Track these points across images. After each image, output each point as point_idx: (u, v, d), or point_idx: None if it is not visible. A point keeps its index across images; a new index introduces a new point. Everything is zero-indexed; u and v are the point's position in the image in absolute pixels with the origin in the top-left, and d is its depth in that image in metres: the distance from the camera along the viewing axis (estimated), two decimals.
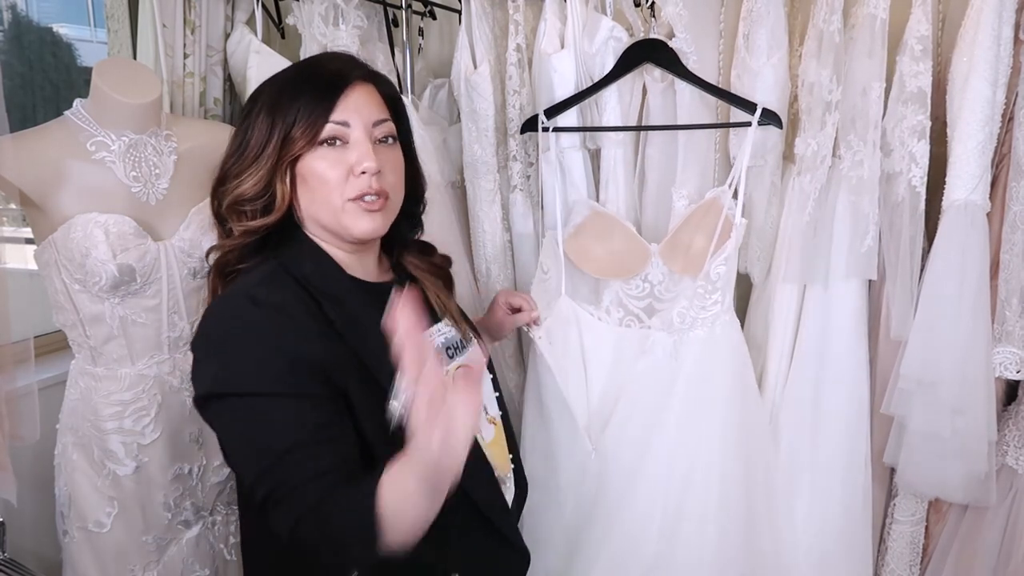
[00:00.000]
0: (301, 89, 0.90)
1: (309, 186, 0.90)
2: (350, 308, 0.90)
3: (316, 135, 0.88)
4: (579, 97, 1.44)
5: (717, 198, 1.33)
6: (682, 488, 1.33)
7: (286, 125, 0.88)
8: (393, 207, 0.95)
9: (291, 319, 0.83)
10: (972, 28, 1.20)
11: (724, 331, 1.34)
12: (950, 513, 1.40)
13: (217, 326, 0.85)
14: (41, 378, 1.39)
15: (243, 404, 0.80)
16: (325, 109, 0.89)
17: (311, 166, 0.89)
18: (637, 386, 1.37)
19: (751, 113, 1.29)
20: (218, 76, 1.68)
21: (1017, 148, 1.23)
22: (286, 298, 0.85)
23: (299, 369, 0.80)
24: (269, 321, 0.82)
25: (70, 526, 1.34)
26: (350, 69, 0.93)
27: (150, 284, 1.29)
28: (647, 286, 1.40)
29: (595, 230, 1.43)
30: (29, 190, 1.21)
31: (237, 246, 0.92)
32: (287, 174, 0.90)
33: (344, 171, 0.89)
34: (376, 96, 0.95)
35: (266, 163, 0.89)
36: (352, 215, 0.90)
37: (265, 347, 0.81)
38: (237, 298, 0.86)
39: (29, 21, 2.01)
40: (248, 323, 0.83)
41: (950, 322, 1.23)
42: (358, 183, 0.89)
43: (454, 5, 1.75)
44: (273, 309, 0.83)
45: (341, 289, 0.92)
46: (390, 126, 0.95)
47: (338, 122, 0.89)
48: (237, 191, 0.90)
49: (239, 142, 0.92)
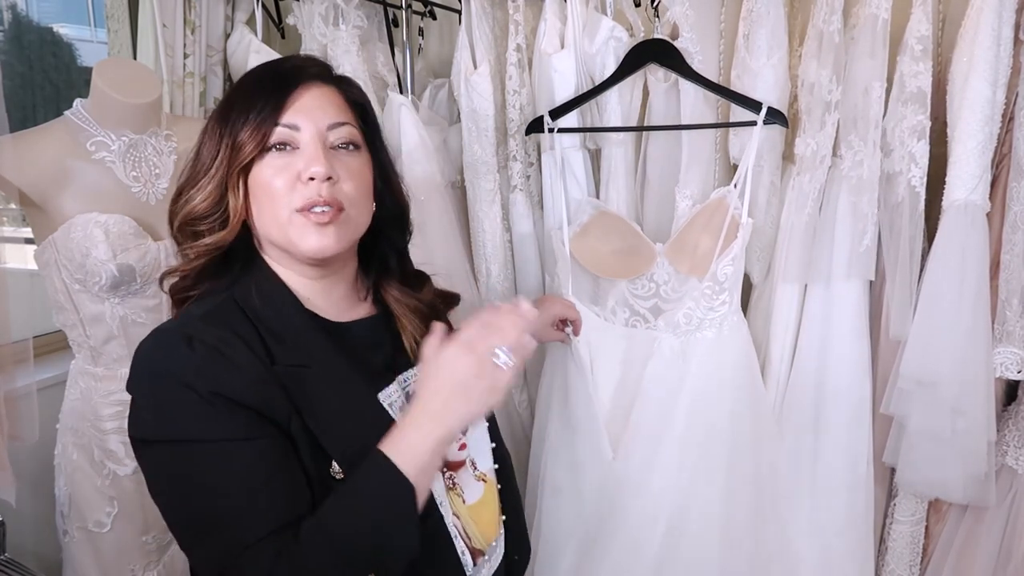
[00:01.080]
0: (252, 92, 0.82)
1: (258, 198, 0.81)
2: (297, 351, 0.80)
3: (264, 140, 0.79)
4: (585, 97, 1.44)
5: (724, 198, 1.33)
6: (689, 489, 1.33)
7: (234, 131, 0.80)
8: (351, 223, 0.83)
9: (226, 360, 0.74)
10: (972, 28, 1.20)
11: (732, 332, 1.34)
12: (950, 513, 1.40)
13: (146, 365, 0.76)
14: (41, 378, 1.39)
15: (183, 452, 0.73)
16: (273, 111, 0.80)
17: (259, 175, 0.80)
18: (646, 389, 1.37)
19: (756, 112, 1.29)
20: (218, 76, 1.68)
21: (1017, 148, 1.23)
22: (224, 336, 0.76)
23: (237, 411, 0.73)
24: (202, 360, 0.73)
25: (70, 526, 1.34)
26: (304, 69, 0.84)
27: (150, 284, 1.29)
28: (653, 286, 1.40)
29: (601, 230, 1.43)
30: (29, 190, 1.21)
31: (191, 270, 0.83)
32: (239, 186, 0.81)
33: (291, 178, 0.79)
34: (336, 99, 0.85)
35: (216, 174, 0.80)
36: (298, 228, 0.79)
37: (198, 388, 0.72)
38: (171, 335, 0.77)
39: (29, 21, 2.02)
40: (179, 361, 0.74)
41: (950, 322, 1.23)
42: (305, 191, 0.79)
43: (454, 5, 1.75)
44: (208, 348, 0.74)
45: (291, 329, 0.81)
46: (350, 131, 0.84)
47: (287, 125, 0.80)
48: (187, 207, 0.82)
49: (193, 156, 0.84)
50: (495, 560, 0.94)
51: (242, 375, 0.74)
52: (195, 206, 0.81)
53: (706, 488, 1.33)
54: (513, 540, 0.98)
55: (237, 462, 0.73)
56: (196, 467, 0.73)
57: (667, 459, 1.34)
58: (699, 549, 1.32)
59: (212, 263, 0.83)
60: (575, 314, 1.33)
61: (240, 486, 0.72)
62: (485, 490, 0.94)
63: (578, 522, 1.41)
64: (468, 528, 0.89)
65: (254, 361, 0.76)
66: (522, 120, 1.56)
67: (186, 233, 0.83)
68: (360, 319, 0.91)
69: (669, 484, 1.33)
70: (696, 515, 1.33)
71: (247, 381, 0.74)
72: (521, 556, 1.01)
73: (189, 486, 0.73)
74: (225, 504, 0.72)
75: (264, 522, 0.72)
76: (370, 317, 0.93)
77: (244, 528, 0.71)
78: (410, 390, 0.89)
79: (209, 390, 0.72)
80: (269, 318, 0.81)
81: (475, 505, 0.91)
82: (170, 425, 0.73)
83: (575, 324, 1.35)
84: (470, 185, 1.62)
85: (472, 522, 0.89)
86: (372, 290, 0.95)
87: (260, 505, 0.72)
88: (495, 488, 0.97)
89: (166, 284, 0.86)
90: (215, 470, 0.73)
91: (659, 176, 1.49)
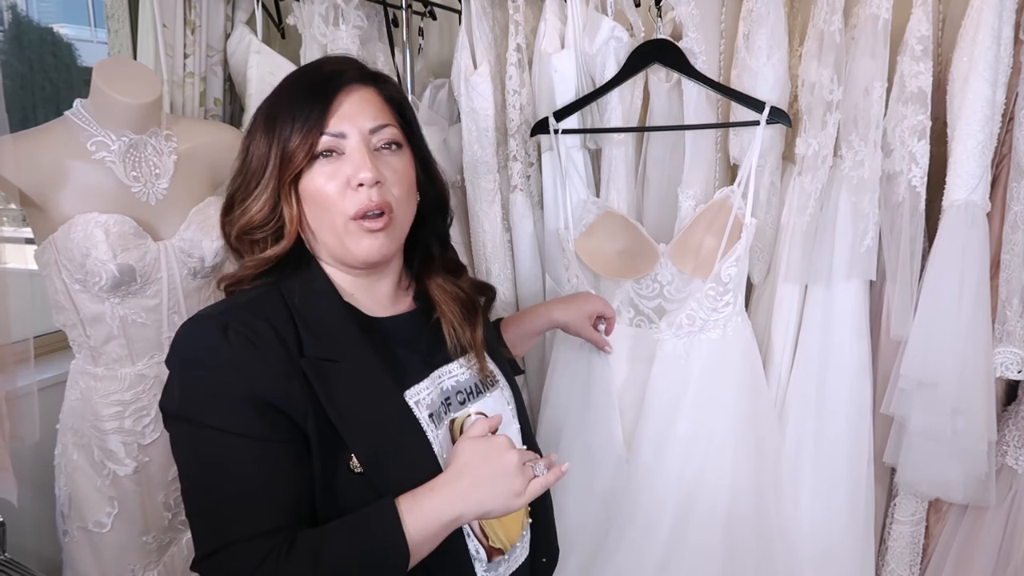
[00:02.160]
0: (295, 99, 0.84)
1: (311, 205, 0.84)
2: (330, 345, 0.82)
3: (312, 149, 0.82)
4: (591, 97, 1.44)
5: (727, 198, 1.32)
6: (693, 488, 1.33)
7: (282, 141, 0.82)
8: (400, 224, 0.87)
9: (256, 351, 0.77)
10: (972, 28, 1.20)
11: (736, 333, 1.34)
12: (950, 513, 1.40)
13: (183, 347, 0.80)
14: (41, 378, 1.39)
15: (197, 434, 0.77)
16: (318, 120, 0.82)
17: (311, 183, 0.83)
18: (651, 390, 1.37)
19: (759, 112, 1.29)
20: (218, 76, 1.68)
21: (1017, 148, 1.23)
22: (258, 327, 0.78)
23: (256, 407, 0.76)
24: (232, 352, 0.76)
25: (70, 526, 1.34)
26: (343, 72, 0.87)
27: (150, 284, 1.29)
28: (657, 286, 1.40)
29: (606, 230, 1.43)
30: (29, 190, 1.21)
31: (247, 277, 0.86)
32: (292, 194, 0.84)
33: (342, 184, 0.82)
34: (375, 99, 0.87)
35: (269, 184, 0.83)
36: (354, 236, 0.83)
37: (223, 379, 0.76)
38: (210, 320, 0.79)
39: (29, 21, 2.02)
40: (211, 350, 0.77)
41: (950, 322, 1.23)
42: (357, 197, 0.82)
43: (454, 5, 1.75)
44: (241, 338, 0.77)
45: (326, 322, 0.84)
46: (392, 131, 0.87)
47: (333, 133, 0.82)
48: (244, 218, 0.84)
49: (241, 163, 0.86)
50: (515, 560, 0.95)
51: (269, 368, 0.77)
52: (252, 216, 0.84)
53: (710, 488, 1.33)
54: (540, 542, 1.00)
55: (246, 458, 0.75)
56: (208, 451, 0.76)
57: (672, 459, 1.34)
58: (704, 548, 1.32)
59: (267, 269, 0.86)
60: (611, 311, 1.34)
61: (244, 481, 0.75)
62: None
63: (587, 519, 1.41)
64: (487, 527, 0.90)
65: (282, 354, 0.78)
66: (522, 120, 1.56)
67: (244, 242, 0.87)
68: (398, 315, 0.93)
69: (674, 484, 1.34)
70: (700, 516, 1.33)
71: (273, 375, 0.77)
72: (548, 559, 1.02)
73: (200, 465, 0.78)
74: (228, 493, 0.76)
75: (259, 521, 0.74)
76: (409, 312, 0.95)
77: (240, 522, 0.75)
78: (444, 386, 0.92)
79: (236, 382, 0.76)
80: (307, 310, 0.83)
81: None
82: (193, 406, 0.77)
83: (609, 322, 1.35)
84: (470, 185, 1.62)
85: (497, 523, 0.91)
86: (415, 281, 0.98)
87: (258, 505, 0.75)
88: None
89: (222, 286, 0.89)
90: (225, 459, 0.76)
91: (660, 176, 1.49)
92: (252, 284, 0.86)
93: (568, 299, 1.34)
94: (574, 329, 1.33)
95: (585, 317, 1.31)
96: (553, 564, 1.03)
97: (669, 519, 1.33)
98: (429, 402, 0.88)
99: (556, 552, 1.05)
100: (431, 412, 0.87)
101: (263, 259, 0.85)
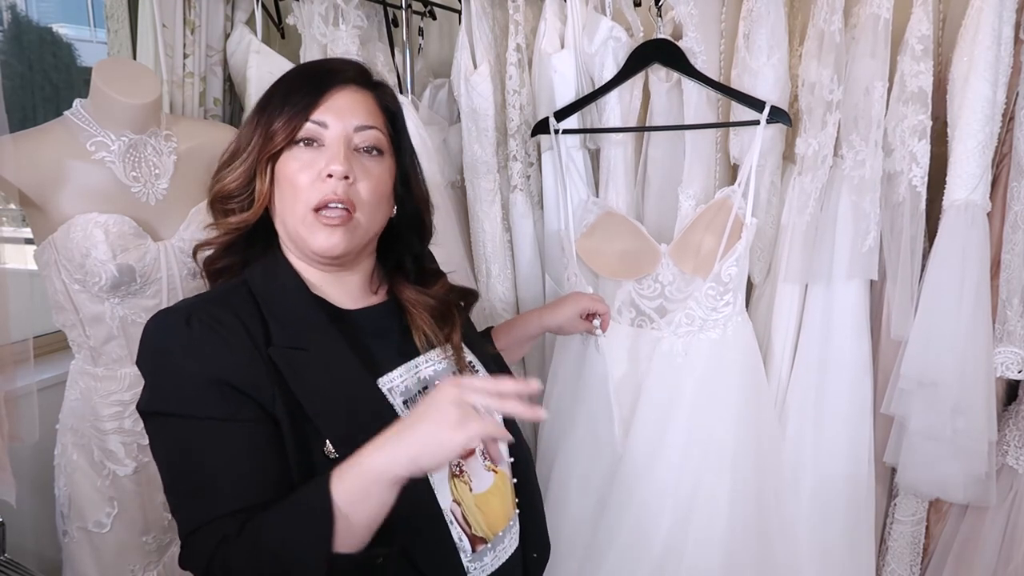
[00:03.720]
0: (291, 87, 0.87)
1: (281, 187, 0.86)
2: (297, 334, 0.83)
3: (293, 132, 0.84)
4: (592, 97, 1.44)
5: (728, 198, 1.32)
6: (692, 489, 1.33)
7: (269, 120, 0.85)
8: (363, 226, 0.87)
9: (218, 337, 0.78)
10: (972, 28, 1.20)
11: (736, 332, 1.34)
12: (950, 513, 1.40)
13: (148, 342, 0.81)
14: (41, 378, 1.39)
15: (165, 425, 0.78)
16: (306, 106, 0.85)
17: (286, 166, 0.85)
18: (650, 388, 1.37)
19: (759, 111, 1.29)
20: (218, 76, 1.68)
21: (1018, 148, 1.23)
22: (222, 316, 0.80)
23: (218, 388, 0.77)
24: (193, 337, 0.78)
25: (70, 526, 1.34)
26: (343, 71, 0.89)
27: (150, 284, 1.29)
28: (658, 286, 1.40)
29: (607, 231, 1.43)
30: (29, 190, 1.21)
31: (218, 243, 0.90)
32: (267, 172, 0.86)
33: (313, 175, 0.84)
34: (368, 102, 0.89)
35: (248, 158, 0.86)
36: (309, 227, 0.84)
37: (185, 364, 0.77)
38: (174, 314, 0.81)
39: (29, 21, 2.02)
40: (174, 339, 0.79)
41: (950, 322, 1.23)
42: (323, 187, 0.83)
43: (454, 5, 1.75)
44: (204, 327, 0.79)
45: (294, 312, 0.85)
46: (376, 135, 0.88)
47: (316, 121, 0.85)
48: (219, 185, 0.88)
49: (234, 140, 0.90)
50: (502, 552, 0.94)
51: (231, 353, 0.78)
52: (225, 185, 0.87)
53: (710, 488, 1.33)
54: (529, 536, 0.99)
55: (207, 441, 0.77)
56: (176, 440, 0.78)
57: (671, 458, 1.34)
58: (703, 548, 1.32)
59: (237, 240, 0.89)
60: (604, 308, 1.33)
61: (211, 462, 0.77)
62: (495, 481, 0.94)
63: (585, 515, 1.41)
64: (470, 516, 0.89)
65: (248, 343, 0.80)
66: (522, 120, 1.56)
67: (217, 209, 0.90)
68: (369, 306, 0.94)
69: (673, 482, 1.34)
70: (700, 515, 1.32)
71: (237, 361, 0.78)
72: (540, 554, 1.01)
73: (172, 456, 0.79)
74: (197, 478, 0.77)
75: (223, 503, 0.75)
76: (380, 304, 0.96)
77: (206, 505, 0.76)
78: (422, 375, 0.92)
79: (199, 367, 0.77)
80: (274, 301, 0.85)
81: (483, 494, 0.92)
82: (161, 399, 0.78)
83: (603, 318, 1.33)
84: (470, 185, 1.62)
85: (478, 511, 0.90)
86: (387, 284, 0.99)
87: (224, 484, 0.76)
88: (508, 480, 0.97)
89: (199, 256, 0.92)
90: (190, 445, 0.77)
91: (660, 176, 1.49)
92: (224, 263, 0.90)
93: (557, 303, 1.33)
94: (567, 331, 1.34)
95: (575, 317, 1.31)
96: (544, 560, 1.02)
97: (667, 518, 1.33)
98: (403, 389, 0.89)
99: (548, 548, 1.04)
100: (406, 399, 0.88)
101: (229, 224, 0.88)
